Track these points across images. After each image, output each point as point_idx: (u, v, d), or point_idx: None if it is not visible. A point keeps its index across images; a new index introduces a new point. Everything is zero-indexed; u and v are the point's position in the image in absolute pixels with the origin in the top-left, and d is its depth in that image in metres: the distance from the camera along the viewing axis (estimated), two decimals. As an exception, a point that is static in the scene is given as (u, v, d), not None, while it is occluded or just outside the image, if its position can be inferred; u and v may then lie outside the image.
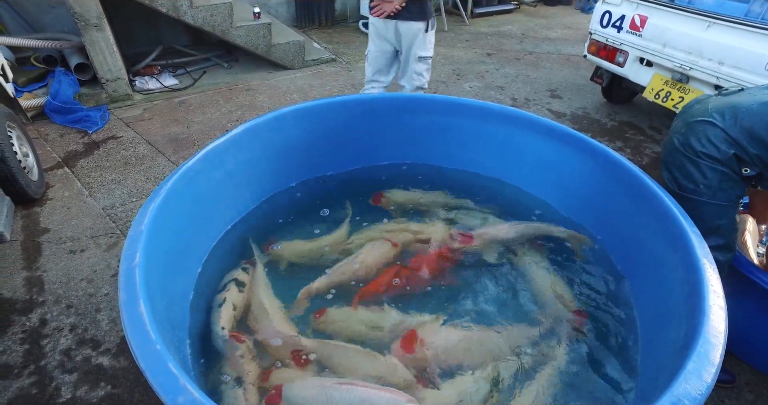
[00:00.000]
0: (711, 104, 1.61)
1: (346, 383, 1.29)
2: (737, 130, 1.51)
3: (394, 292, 1.71)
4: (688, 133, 1.61)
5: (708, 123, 1.56)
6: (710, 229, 1.59)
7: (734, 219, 1.67)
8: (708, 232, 1.57)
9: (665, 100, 3.15)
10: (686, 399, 0.95)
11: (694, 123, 1.60)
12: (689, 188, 1.62)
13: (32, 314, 2.04)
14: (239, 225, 1.95)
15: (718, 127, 1.53)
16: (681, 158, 1.63)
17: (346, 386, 1.27)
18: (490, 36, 6.11)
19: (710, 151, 1.55)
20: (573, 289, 1.75)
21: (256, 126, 1.92)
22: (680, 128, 1.66)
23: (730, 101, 1.59)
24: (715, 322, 1.13)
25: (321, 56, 4.94)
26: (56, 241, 2.44)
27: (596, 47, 3.61)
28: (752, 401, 1.83)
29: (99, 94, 3.81)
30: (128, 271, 1.18)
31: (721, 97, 1.66)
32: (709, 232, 1.58)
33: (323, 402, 1.25)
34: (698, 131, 1.58)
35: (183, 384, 0.92)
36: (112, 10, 3.80)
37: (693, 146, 1.58)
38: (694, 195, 1.62)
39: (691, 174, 1.61)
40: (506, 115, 2.11)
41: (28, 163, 2.68)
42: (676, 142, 1.65)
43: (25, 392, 1.74)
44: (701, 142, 1.56)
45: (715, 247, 1.60)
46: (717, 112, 1.56)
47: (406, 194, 2.19)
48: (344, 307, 1.63)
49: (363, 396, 1.24)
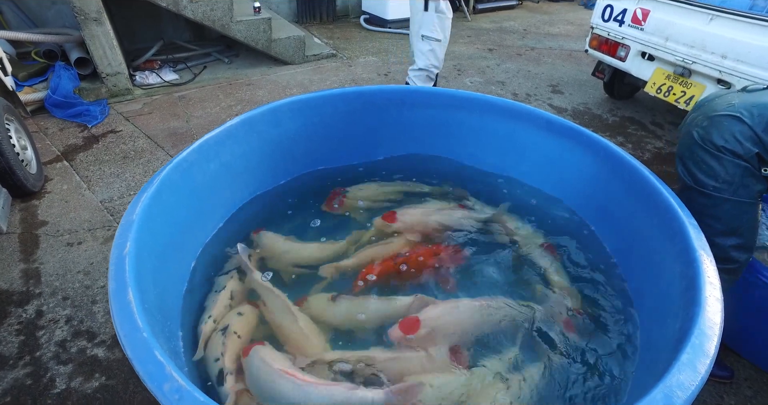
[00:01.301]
0: (737, 100, 1.54)
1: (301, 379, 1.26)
2: (764, 128, 1.44)
3: (395, 277, 1.71)
4: (710, 127, 1.53)
5: (735, 118, 1.48)
6: (731, 229, 1.54)
7: (755, 218, 1.59)
8: (728, 231, 1.53)
9: (667, 94, 3.12)
10: (679, 390, 0.93)
11: (718, 117, 1.53)
12: (709, 185, 1.54)
13: (28, 306, 2.04)
14: (235, 218, 1.94)
15: (746, 124, 1.46)
16: (700, 152, 1.55)
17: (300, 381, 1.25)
18: (491, 32, 6.08)
19: (733, 147, 1.48)
20: (571, 282, 1.73)
21: (252, 118, 1.91)
22: (701, 121, 1.57)
23: (759, 99, 1.51)
24: (711, 313, 1.11)
25: (322, 51, 4.93)
26: (54, 234, 2.44)
27: (598, 41, 3.58)
28: (751, 397, 1.82)
29: (99, 89, 3.81)
30: (118, 260, 1.18)
31: (747, 93, 1.59)
32: (729, 232, 1.53)
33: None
34: (722, 126, 1.50)
35: (169, 371, 0.92)
36: (113, 5, 3.80)
37: (714, 141, 1.50)
38: (714, 192, 1.54)
39: (712, 169, 1.53)
40: (506, 108, 2.09)
41: (26, 156, 2.68)
42: (695, 135, 1.57)
43: (19, 383, 1.74)
44: (724, 137, 1.49)
45: (735, 247, 1.55)
46: (745, 109, 1.49)
47: (368, 189, 2.13)
48: (322, 295, 1.62)
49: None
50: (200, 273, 1.69)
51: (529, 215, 2.02)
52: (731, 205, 1.53)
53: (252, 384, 1.31)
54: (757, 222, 1.61)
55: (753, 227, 1.59)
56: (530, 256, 1.83)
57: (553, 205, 2.07)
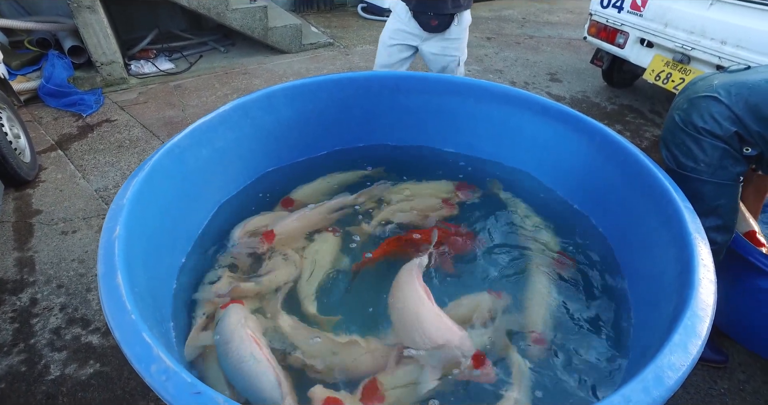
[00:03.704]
0: (717, 81, 1.55)
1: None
2: (742, 107, 1.46)
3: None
4: (690, 109, 1.56)
5: (712, 98, 1.50)
6: (709, 209, 1.55)
7: (735, 199, 1.61)
8: (707, 212, 1.53)
9: (666, 81, 3.10)
10: (670, 370, 0.93)
11: (697, 98, 1.55)
12: (689, 166, 1.57)
13: (22, 294, 2.03)
14: (228, 205, 1.93)
15: (723, 103, 1.48)
16: (681, 135, 1.58)
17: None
18: (490, 20, 6.02)
19: (712, 128, 1.50)
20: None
21: (245, 103, 1.88)
22: (682, 104, 1.60)
23: (737, 78, 1.53)
24: (704, 295, 1.10)
25: (319, 40, 4.89)
26: (48, 223, 2.43)
27: (596, 28, 3.54)
28: (744, 381, 1.82)
29: (93, 78, 3.78)
30: (108, 244, 1.17)
31: (727, 73, 1.61)
32: (707, 212, 1.54)
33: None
34: (701, 107, 1.52)
35: (156, 353, 0.91)
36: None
37: (694, 122, 1.53)
38: (693, 173, 1.57)
39: (691, 151, 1.56)
40: (502, 93, 2.07)
41: (19, 144, 2.66)
42: (677, 118, 1.60)
43: (14, 369, 1.74)
44: (703, 117, 1.51)
45: (713, 228, 1.56)
46: (722, 89, 1.50)
47: (314, 187, 2.04)
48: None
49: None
50: (193, 260, 1.68)
51: (522, 201, 2.00)
52: (711, 187, 1.55)
53: (219, 337, 1.33)
54: (737, 204, 1.63)
55: (733, 208, 1.61)
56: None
57: (547, 190, 2.06)
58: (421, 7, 2.32)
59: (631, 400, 0.88)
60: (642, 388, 0.90)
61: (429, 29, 2.40)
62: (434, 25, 2.37)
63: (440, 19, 2.34)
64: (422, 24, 2.38)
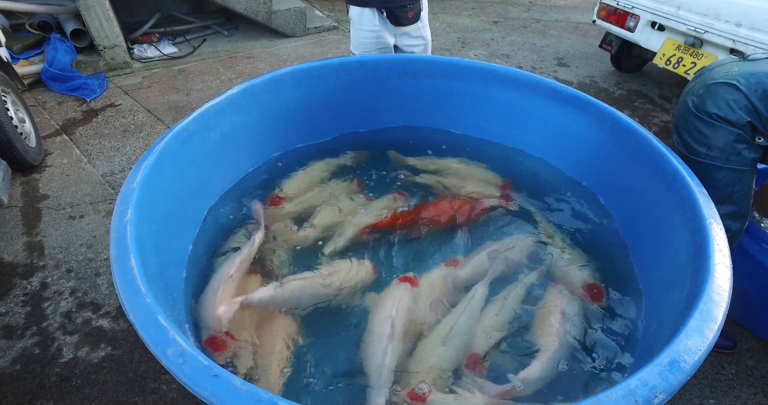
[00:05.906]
0: (736, 68, 1.51)
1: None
2: (760, 96, 1.42)
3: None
4: (705, 95, 1.52)
5: (731, 86, 1.47)
6: (723, 196, 1.53)
7: (749, 185, 1.57)
8: (721, 199, 1.51)
9: (677, 66, 3.05)
10: (686, 354, 0.93)
11: (714, 85, 1.51)
12: (701, 152, 1.54)
13: (33, 278, 2.04)
14: (236, 188, 1.92)
15: (741, 91, 1.45)
16: (694, 120, 1.55)
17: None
18: (496, 4, 5.92)
19: (726, 115, 1.47)
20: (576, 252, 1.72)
21: (252, 87, 1.86)
22: (697, 89, 1.56)
23: (758, 68, 1.49)
24: (720, 280, 1.09)
25: (323, 24, 4.82)
26: (56, 207, 2.43)
27: (606, 11, 3.48)
28: (752, 366, 1.82)
29: (97, 62, 3.74)
30: (120, 227, 1.16)
31: (748, 62, 1.57)
32: (722, 199, 1.52)
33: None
34: (718, 94, 1.49)
35: (173, 336, 0.91)
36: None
37: (708, 109, 1.50)
38: (706, 160, 1.54)
39: (704, 136, 1.52)
40: (511, 76, 2.04)
41: (24, 129, 2.65)
42: (690, 103, 1.56)
43: (28, 352, 1.76)
44: (718, 104, 1.48)
45: (728, 215, 1.54)
46: (742, 76, 1.47)
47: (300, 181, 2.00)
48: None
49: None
50: (203, 244, 1.68)
51: (533, 186, 1.99)
52: (725, 173, 1.53)
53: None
54: (752, 190, 1.60)
55: (746, 195, 1.58)
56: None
57: (559, 174, 2.04)
58: (397, 3, 2.25)
59: (648, 384, 0.88)
60: (659, 373, 0.90)
61: (406, 22, 2.34)
62: (411, 16, 2.33)
63: (415, 8, 2.30)
64: (399, 19, 2.32)
